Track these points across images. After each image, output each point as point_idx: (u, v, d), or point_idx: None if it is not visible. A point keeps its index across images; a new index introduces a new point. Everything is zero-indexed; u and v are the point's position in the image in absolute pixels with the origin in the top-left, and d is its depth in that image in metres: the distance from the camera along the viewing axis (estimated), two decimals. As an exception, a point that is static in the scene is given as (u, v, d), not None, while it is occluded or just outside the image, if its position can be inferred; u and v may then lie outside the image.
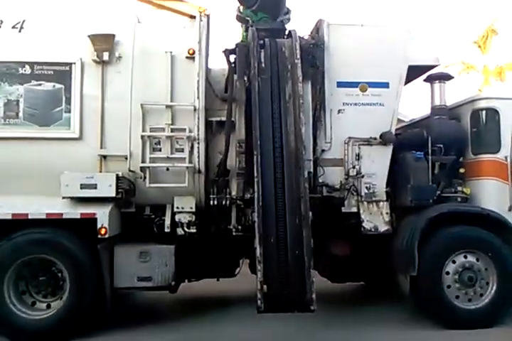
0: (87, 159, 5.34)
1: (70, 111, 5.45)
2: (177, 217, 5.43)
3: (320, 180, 5.81)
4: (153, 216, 5.57)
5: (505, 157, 5.93)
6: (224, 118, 5.65)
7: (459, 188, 6.00)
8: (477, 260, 5.59)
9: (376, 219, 5.80)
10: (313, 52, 5.80)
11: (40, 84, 5.44)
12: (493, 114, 6.05)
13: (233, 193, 5.57)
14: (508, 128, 5.98)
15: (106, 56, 5.50)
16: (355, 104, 5.91)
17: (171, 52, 5.56)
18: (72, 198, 5.17)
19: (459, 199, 5.98)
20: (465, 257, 5.59)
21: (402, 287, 5.55)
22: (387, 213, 5.83)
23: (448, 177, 6.06)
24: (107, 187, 5.07)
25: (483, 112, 6.12)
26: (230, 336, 5.19)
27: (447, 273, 5.52)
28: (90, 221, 5.07)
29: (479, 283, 5.54)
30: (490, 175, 5.96)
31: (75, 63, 5.55)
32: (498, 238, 5.63)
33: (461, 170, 6.10)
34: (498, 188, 5.93)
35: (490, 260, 5.57)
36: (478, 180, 6.03)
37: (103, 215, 5.05)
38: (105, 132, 5.40)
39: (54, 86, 5.48)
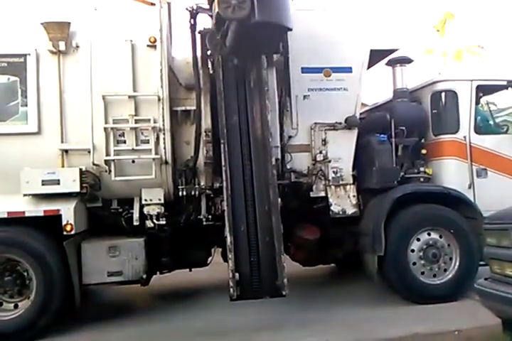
0: (48, 154, 4.87)
1: (26, 105, 4.94)
2: (145, 210, 5.06)
3: (288, 167, 5.56)
4: (120, 209, 5.17)
5: (464, 137, 5.80)
6: (189, 108, 5.28)
7: (422, 169, 5.87)
8: (440, 237, 5.49)
9: (344, 202, 5.62)
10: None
11: (-7, 78, 4.88)
12: (452, 95, 5.91)
13: (202, 183, 5.22)
14: (467, 109, 5.86)
15: (62, 46, 5.00)
16: (320, 90, 5.64)
17: (131, 41, 5.10)
18: (34, 195, 4.70)
19: (422, 179, 5.84)
20: (429, 234, 5.48)
21: (370, 267, 5.39)
22: (354, 196, 5.66)
23: (411, 159, 5.92)
24: (71, 183, 4.64)
25: (443, 94, 5.98)
26: (203, 325, 4.90)
27: (412, 250, 5.40)
28: (55, 218, 4.64)
29: (443, 258, 5.45)
30: (450, 155, 5.85)
31: (29, 54, 5.03)
32: (460, 215, 5.55)
33: (423, 151, 5.96)
34: (458, 167, 5.82)
35: (452, 236, 5.47)
36: (439, 160, 5.90)
37: (68, 211, 4.63)
38: (65, 125, 4.93)
39: (8, 79, 4.97)
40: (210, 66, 5.41)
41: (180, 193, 5.14)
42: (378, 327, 4.56)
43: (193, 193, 5.14)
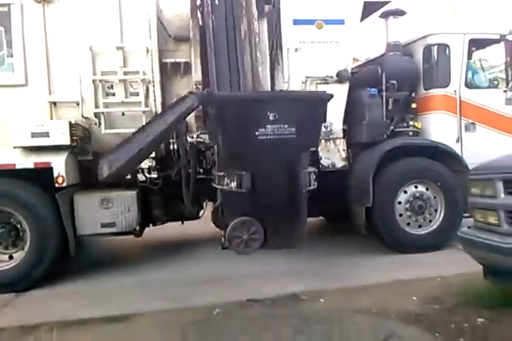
0: (36, 106, 4.73)
1: (12, 56, 4.75)
2: (137, 163, 4.97)
3: (278, 121, 5.43)
4: (112, 163, 5.07)
5: (454, 91, 5.72)
6: (179, 60, 5.10)
7: (411, 123, 5.83)
8: (427, 189, 5.54)
9: (333, 156, 5.60)
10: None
11: (-23, 28, 4.67)
12: (444, 49, 5.77)
13: (193, 137, 5.12)
14: (458, 63, 5.75)
15: (45, -7, 4.73)
16: (312, 42, 5.46)
17: (118, -10, 4.84)
18: (24, 147, 4.60)
19: (411, 133, 5.82)
20: (416, 187, 5.52)
21: (358, 218, 5.45)
22: (343, 150, 5.64)
23: (401, 113, 5.86)
24: (60, 135, 4.53)
25: (435, 47, 5.82)
26: (194, 275, 4.97)
27: (399, 202, 5.46)
28: (47, 170, 4.57)
29: (428, 210, 5.52)
30: (440, 109, 5.79)
31: (13, 3, 4.79)
32: (447, 168, 5.56)
33: (413, 106, 5.89)
34: (447, 121, 5.78)
35: (439, 189, 5.52)
36: (428, 114, 5.85)
37: (59, 164, 4.56)
38: (52, 77, 4.76)
39: (-7, 29, 4.73)
40: (199, 17, 5.18)
41: (171, 147, 5.07)
42: (364, 275, 4.67)
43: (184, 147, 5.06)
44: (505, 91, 5.82)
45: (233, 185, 3.30)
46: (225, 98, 3.28)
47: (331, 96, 3.66)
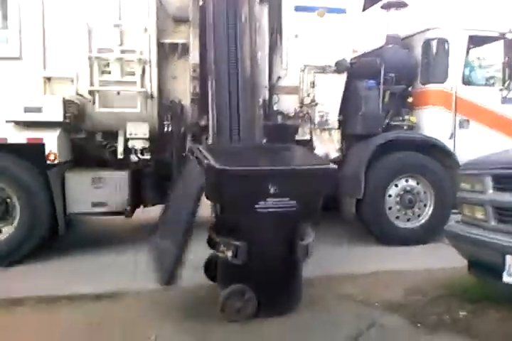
0: (30, 81, 4.63)
1: (7, 28, 4.63)
2: (130, 144, 4.94)
3: (275, 108, 5.42)
4: (105, 142, 5.04)
5: (451, 87, 5.71)
6: (177, 41, 4.99)
7: (406, 117, 5.82)
8: (417, 184, 5.56)
9: (327, 146, 5.59)
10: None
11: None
12: (443, 44, 5.75)
13: (188, 120, 5.07)
14: (456, 59, 5.74)
15: (42, -35, 4.60)
16: (312, 30, 5.37)
17: (116, -34, 4.72)
18: (16, 122, 4.52)
19: (406, 127, 5.82)
20: (406, 181, 5.54)
21: (348, 209, 5.47)
22: (338, 141, 5.64)
23: (397, 106, 5.84)
24: (54, 111, 4.45)
25: (434, 42, 5.79)
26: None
27: (390, 195, 5.48)
28: (39, 146, 4.50)
29: (418, 204, 5.55)
30: (435, 104, 5.79)
31: (10, -26, 4.62)
32: (438, 163, 5.58)
33: (409, 100, 5.87)
34: (441, 117, 5.78)
35: (429, 184, 5.54)
36: (424, 108, 5.85)
37: (51, 140, 4.49)
38: (47, 51, 4.65)
39: (-13, 0, 4.60)
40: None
41: (165, 129, 5.02)
42: (351, 264, 4.69)
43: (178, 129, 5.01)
44: (501, 89, 5.82)
45: (229, 254, 3.18)
46: (226, 172, 3.10)
47: (335, 169, 3.56)
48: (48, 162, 4.50)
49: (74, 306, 3.58)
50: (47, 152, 4.47)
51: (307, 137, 5.56)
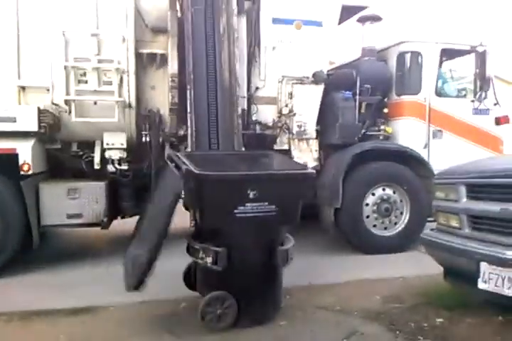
0: (4, 90, 4.54)
1: (-20, 37, 4.52)
2: (107, 154, 4.89)
3: (253, 118, 5.47)
4: (81, 152, 4.96)
5: (425, 98, 5.86)
6: (155, 51, 4.98)
7: (382, 127, 5.93)
8: (394, 192, 5.64)
9: (306, 156, 5.63)
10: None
11: None
12: (417, 56, 5.91)
13: (166, 130, 5.04)
14: (429, 71, 5.90)
15: (18, -26, 4.54)
16: (290, 42, 5.47)
17: (94, -25, 4.69)
18: (-11, 132, 4.40)
19: (382, 137, 5.93)
20: (383, 190, 5.62)
21: (327, 218, 5.50)
22: (316, 150, 5.69)
23: (373, 117, 5.95)
24: (28, 121, 4.36)
25: (408, 55, 5.95)
26: (164, 269, 4.84)
27: (367, 204, 5.54)
28: (12, 157, 4.39)
29: (394, 213, 5.63)
30: (409, 115, 5.92)
31: (-16, -18, 4.55)
32: (414, 173, 5.68)
33: (385, 110, 6.00)
34: (416, 127, 5.91)
35: (405, 193, 5.63)
36: (399, 119, 5.97)
37: (25, 151, 4.40)
38: (22, 60, 4.56)
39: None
40: (178, 9, 5.10)
41: (143, 139, 4.97)
42: (329, 273, 4.70)
43: (157, 139, 4.97)
44: (472, 101, 6.01)
45: (209, 260, 3.14)
46: (205, 177, 3.07)
47: (314, 174, 3.57)
48: (22, 173, 4.39)
49: (48, 321, 3.46)
50: (20, 162, 4.37)
51: (285, 147, 5.60)
